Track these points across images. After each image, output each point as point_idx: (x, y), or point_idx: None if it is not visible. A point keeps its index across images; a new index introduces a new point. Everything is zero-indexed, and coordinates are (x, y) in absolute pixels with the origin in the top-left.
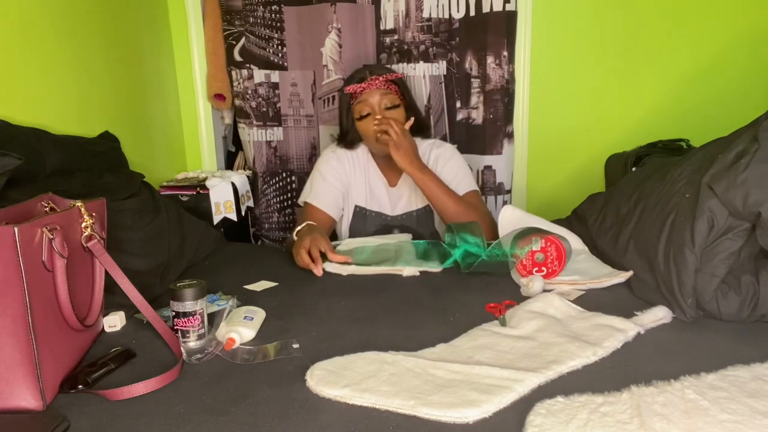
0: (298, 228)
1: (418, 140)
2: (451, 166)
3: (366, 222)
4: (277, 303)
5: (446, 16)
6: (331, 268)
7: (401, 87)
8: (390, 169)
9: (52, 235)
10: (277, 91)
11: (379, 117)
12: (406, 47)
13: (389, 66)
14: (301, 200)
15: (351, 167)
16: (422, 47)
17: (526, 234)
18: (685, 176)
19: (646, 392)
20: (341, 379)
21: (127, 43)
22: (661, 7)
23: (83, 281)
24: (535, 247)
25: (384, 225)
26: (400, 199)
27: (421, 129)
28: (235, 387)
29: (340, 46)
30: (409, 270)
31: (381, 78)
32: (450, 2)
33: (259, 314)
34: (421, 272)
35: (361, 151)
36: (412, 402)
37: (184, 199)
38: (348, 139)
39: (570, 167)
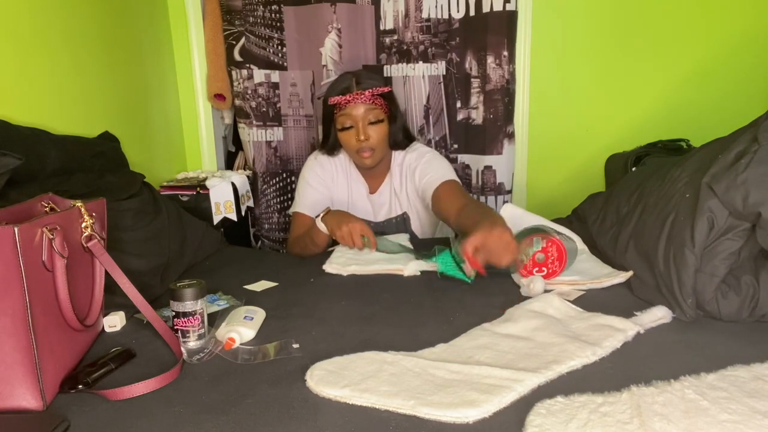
0: (322, 214)
1: (397, 154)
2: (428, 158)
3: None
4: (277, 303)
5: (446, 16)
6: (331, 269)
7: (388, 100)
8: (371, 176)
9: (52, 235)
10: (277, 91)
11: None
12: (405, 47)
13: (384, 66)
14: (291, 211)
15: (334, 173)
16: (421, 47)
17: (527, 234)
18: (685, 176)
19: (646, 392)
20: (341, 379)
21: (127, 43)
22: (661, 7)
23: (83, 281)
24: (536, 248)
25: None
26: (383, 207)
27: (405, 140)
28: (235, 387)
29: (340, 46)
30: (410, 270)
31: (367, 93)
32: (449, 2)
33: (259, 314)
34: (421, 272)
35: (343, 157)
36: (412, 402)
37: (184, 199)
38: (329, 145)
39: (570, 167)
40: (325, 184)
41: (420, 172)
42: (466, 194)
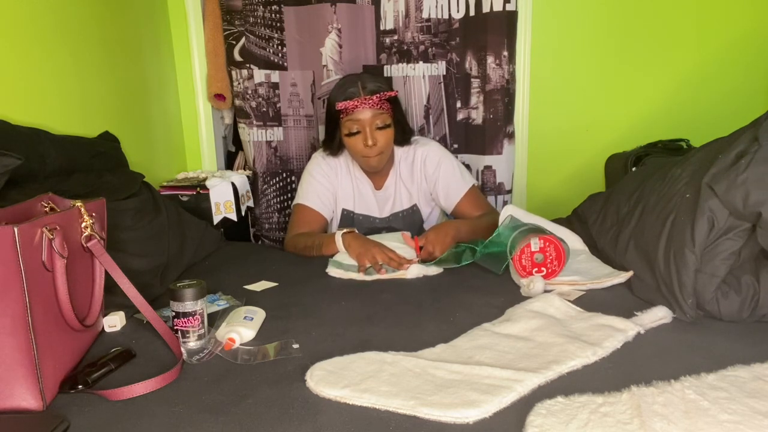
0: (344, 231)
1: (402, 149)
2: (445, 167)
3: (353, 225)
4: (277, 303)
5: (446, 16)
6: (334, 273)
7: (393, 104)
8: (375, 173)
9: (52, 235)
10: (277, 91)
11: (370, 143)
12: (405, 47)
13: (385, 66)
14: (294, 203)
15: (339, 170)
16: (422, 47)
17: (525, 234)
18: (685, 176)
19: (646, 392)
20: (341, 380)
21: (127, 43)
22: (660, 7)
23: (83, 281)
24: (534, 247)
25: (371, 228)
26: (388, 201)
27: (405, 138)
28: (235, 387)
29: (340, 47)
30: (412, 273)
31: (375, 98)
32: (449, 2)
33: (259, 314)
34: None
35: (344, 157)
36: (412, 402)
37: (184, 199)
38: (333, 146)
39: (570, 167)
40: (330, 180)
41: (443, 186)
42: (481, 202)
